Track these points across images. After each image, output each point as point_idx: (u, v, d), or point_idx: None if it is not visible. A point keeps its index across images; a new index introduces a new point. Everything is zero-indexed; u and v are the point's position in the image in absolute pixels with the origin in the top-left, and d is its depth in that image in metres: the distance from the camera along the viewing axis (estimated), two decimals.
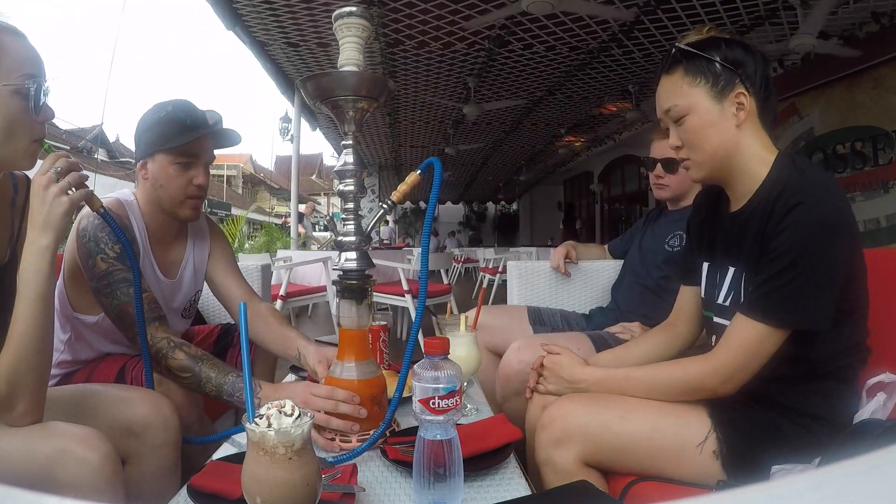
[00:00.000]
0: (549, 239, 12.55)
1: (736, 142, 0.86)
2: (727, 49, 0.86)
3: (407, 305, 3.29)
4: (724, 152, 0.87)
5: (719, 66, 0.85)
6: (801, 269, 0.77)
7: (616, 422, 0.85)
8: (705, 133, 0.87)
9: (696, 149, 0.89)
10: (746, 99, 0.85)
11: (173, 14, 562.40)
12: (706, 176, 0.91)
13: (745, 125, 0.86)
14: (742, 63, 0.85)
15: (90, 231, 1.09)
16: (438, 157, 0.94)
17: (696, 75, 0.86)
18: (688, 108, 0.87)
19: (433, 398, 0.68)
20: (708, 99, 0.86)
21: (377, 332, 1.23)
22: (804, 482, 0.15)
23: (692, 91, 0.86)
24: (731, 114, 0.85)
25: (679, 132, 0.90)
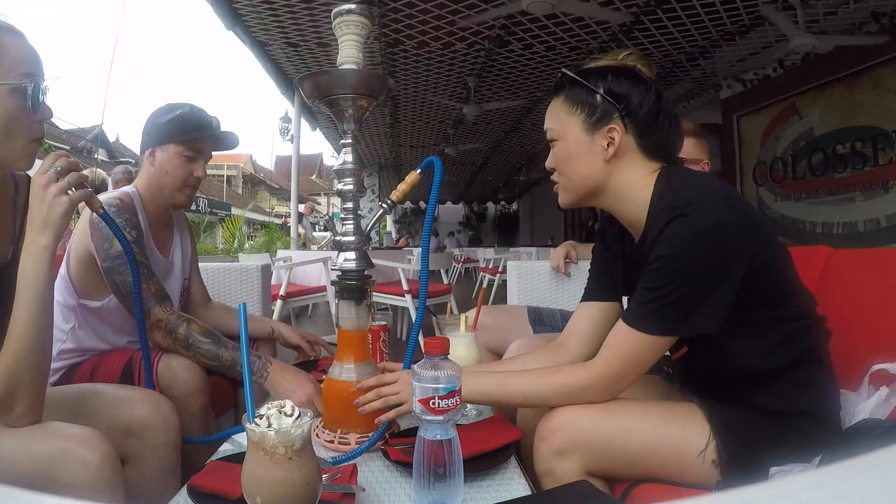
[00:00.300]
0: (549, 239, 12.54)
1: (604, 174, 0.87)
2: (613, 81, 0.85)
3: (407, 305, 3.29)
4: (591, 183, 0.88)
5: (600, 97, 0.85)
6: (679, 280, 0.76)
7: (622, 434, 0.83)
8: (571, 162, 0.88)
9: (563, 175, 0.91)
10: (618, 135, 0.84)
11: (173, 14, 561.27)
12: (571, 201, 0.92)
13: (618, 159, 0.86)
14: (626, 97, 0.84)
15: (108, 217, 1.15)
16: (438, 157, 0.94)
17: (574, 104, 0.87)
18: (560, 134, 0.89)
19: (433, 398, 0.68)
20: (580, 130, 0.87)
21: (377, 332, 1.23)
22: (803, 482, 0.15)
23: (568, 119, 0.88)
24: (601, 147, 0.86)
25: (552, 155, 0.92)
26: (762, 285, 0.81)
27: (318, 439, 0.91)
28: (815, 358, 0.86)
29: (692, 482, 0.83)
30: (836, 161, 4.31)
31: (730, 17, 3.88)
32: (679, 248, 0.76)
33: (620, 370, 0.83)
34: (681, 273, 0.76)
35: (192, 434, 1.13)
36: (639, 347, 0.81)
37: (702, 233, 0.76)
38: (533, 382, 0.87)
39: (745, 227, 0.78)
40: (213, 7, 3.81)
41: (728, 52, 4.59)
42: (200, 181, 1.33)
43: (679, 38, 4.25)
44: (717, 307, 0.77)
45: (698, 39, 4.28)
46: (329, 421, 0.94)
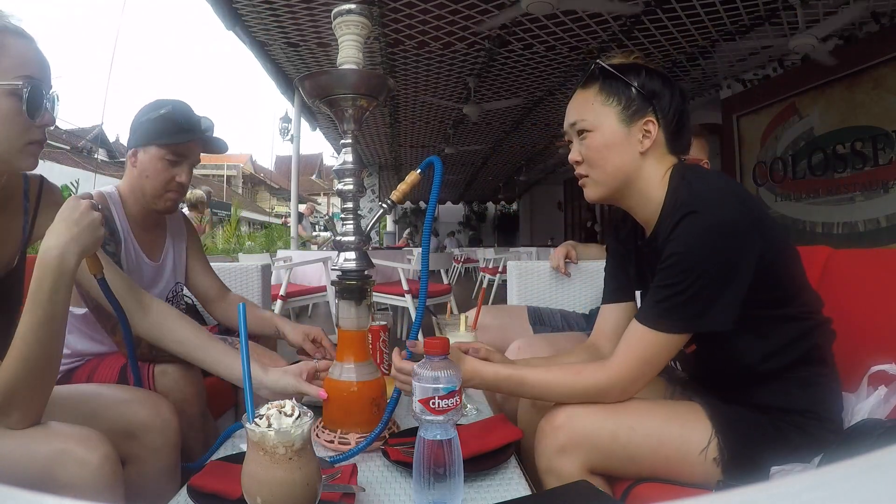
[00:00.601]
0: (549, 239, 12.54)
1: (637, 167, 0.88)
2: (647, 78, 0.87)
3: (407, 305, 3.29)
4: (623, 175, 0.88)
5: (635, 91, 0.86)
6: (692, 277, 0.77)
7: (625, 432, 0.83)
8: (607, 153, 0.88)
9: (595, 167, 0.90)
10: (654, 128, 0.86)
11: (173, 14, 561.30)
12: (602, 196, 0.92)
13: (649, 153, 0.87)
14: (658, 94, 0.86)
15: None
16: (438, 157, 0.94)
17: (610, 95, 0.88)
18: (595, 125, 0.88)
19: (433, 398, 0.68)
20: (616, 121, 0.87)
21: (377, 332, 1.22)
22: (804, 482, 0.15)
23: (603, 109, 0.88)
24: (637, 140, 0.87)
25: (581, 147, 0.91)
26: (770, 284, 0.81)
27: (318, 439, 0.91)
28: (820, 357, 0.87)
29: (693, 480, 0.83)
30: (836, 161, 4.30)
31: (730, 17, 3.87)
32: (691, 246, 0.77)
33: (637, 371, 0.83)
34: (693, 270, 0.77)
35: (189, 439, 1.13)
36: (654, 347, 0.81)
37: (713, 230, 0.77)
38: (551, 379, 0.87)
39: (755, 225, 0.79)
40: (213, 7, 3.81)
41: (728, 52, 4.59)
42: (184, 187, 1.27)
43: (679, 37, 4.25)
44: (731, 304, 0.78)
45: (698, 39, 4.28)
46: (329, 421, 0.94)
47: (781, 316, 0.84)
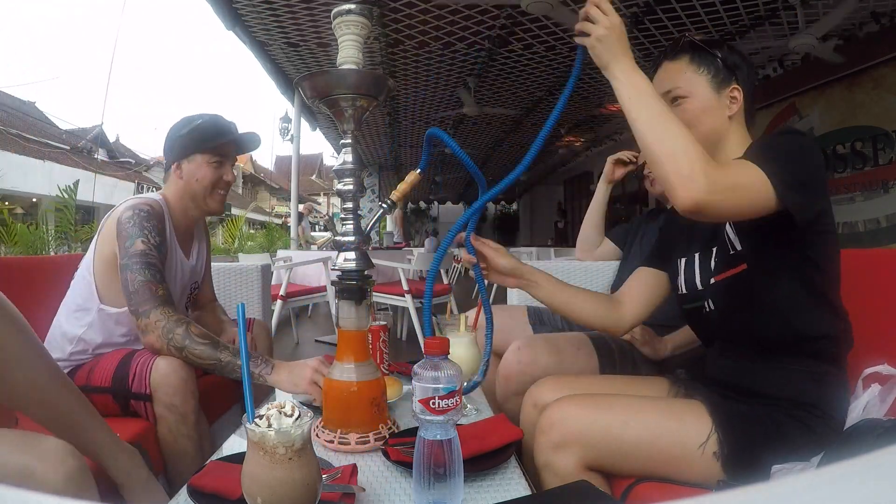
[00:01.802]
0: (549, 239, 12.54)
1: (726, 130, 0.95)
2: (729, 52, 0.95)
3: (407, 305, 3.29)
4: (715, 137, 0.94)
5: (721, 62, 0.94)
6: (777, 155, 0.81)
7: (618, 426, 0.85)
8: (702, 116, 0.94)
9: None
10: (740, 95, 0.94)
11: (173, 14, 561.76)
12: None
13: (734, 119, 0.95)
14: (739, 67, 0.95)
15: (136, 219, 1.23)
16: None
17: (700, 65, 0.95)
18: (689, 91, 0.94)
19: (433, 398, 0.68)
20: (708, 87, 0.94)
21: (377, 332, 1.22)
22: (804, 482, 0.15)
23: (695, 78, 0.94)
24: (726, 105, 0.94)
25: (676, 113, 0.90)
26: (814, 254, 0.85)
27: (318, 439, 0.91)
28: (836, 357, 0.88)
29: (693, 477, 0.84)
30: (836, 161, 4.30)
31: (730, 17, 3.87)
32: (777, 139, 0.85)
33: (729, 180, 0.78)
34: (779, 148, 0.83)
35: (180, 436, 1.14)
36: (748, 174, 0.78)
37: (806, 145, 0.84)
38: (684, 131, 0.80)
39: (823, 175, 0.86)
40: (213, 7, 3.81)
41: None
42: (230, 185, 1.38)
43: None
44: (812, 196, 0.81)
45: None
46: (329, 421, 0.94)
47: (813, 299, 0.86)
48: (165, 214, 1.32)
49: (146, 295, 1.16)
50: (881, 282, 1.08)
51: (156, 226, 1.24)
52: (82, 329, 1.24)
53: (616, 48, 0.85)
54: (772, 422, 0.84)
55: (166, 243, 1.29)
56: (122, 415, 1.17)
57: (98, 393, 1.16)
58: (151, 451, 1.14)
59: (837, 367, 0.88)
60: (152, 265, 1.19)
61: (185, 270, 1.41)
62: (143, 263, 1.19)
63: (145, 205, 1.26)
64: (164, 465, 1.17)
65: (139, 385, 1.13)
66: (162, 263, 1.23)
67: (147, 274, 1.18)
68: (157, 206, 1.29)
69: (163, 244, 1.25)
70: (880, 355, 0.90)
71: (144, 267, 1.18)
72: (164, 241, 1.27)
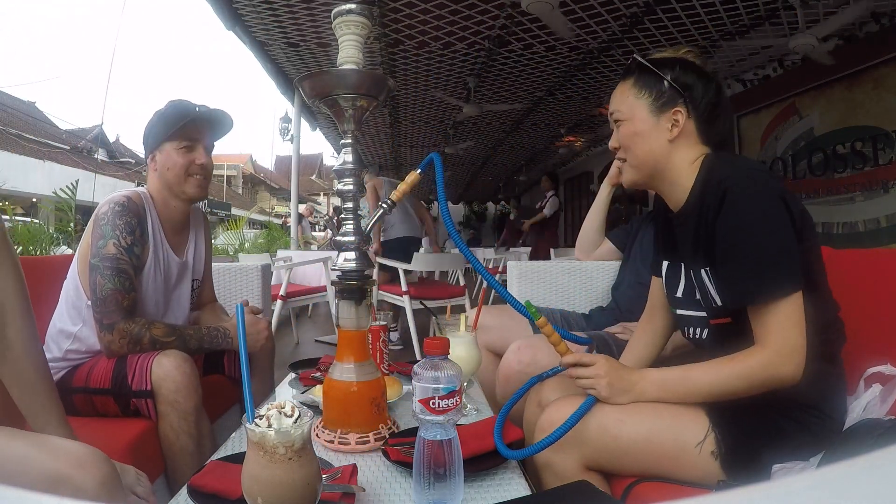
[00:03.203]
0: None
1: (666, 153, 0.93)
2: (680, 71, 0.93)
3: (404, 305, 3.27)
4: (653, 161, 0.94)
5: (667, 84, 0.92)
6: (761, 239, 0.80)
7: (613, 425, 0.85)
8: (638, 140, 0.94)
9: (629, 153, 0.97)
10: (682, 118, 0.91)
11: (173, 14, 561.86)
12: (635, 179, 0.98)
13: (679, 141, 0.93)
14: (690, 87, 0.92)
15: (109, 216, 1.21)
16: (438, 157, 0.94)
17: (642, 88, 0.94)
18: (627, 115, 0.95)
19: (433, 398, 0.68)
20: (646, 111, 0.93)
21: (377, 332, 1.22)
22: (804, 482, 0.15)
23: (635, 102, 0.94)
24: (666, 128, 0.93)
25: (618, 135, 0.98)
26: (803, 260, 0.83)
27: (318, 439, 0.91)
28: (830, 355, 0.88)
29: (692, 476, 0.84)
30: (836, 161, 4.30)
31: (730, 16, 3.87)
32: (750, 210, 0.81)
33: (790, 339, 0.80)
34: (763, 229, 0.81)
35: (181, 433, 1.14)
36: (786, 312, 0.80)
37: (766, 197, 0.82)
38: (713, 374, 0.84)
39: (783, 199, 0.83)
40: (213, 7, 3.81)
41: (728, 52, 4.59)
42: (206, 169, 1.33)
43: (679, 38, 4.24)
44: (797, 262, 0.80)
45: (698, 39, 4.27)
46: (329, 421, 0.94)
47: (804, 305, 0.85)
48: (147, 208, 1.30)
49: (112, 306, 1.17)
50: (881, 282, 1.08)
51: (129, 222, 1.22)
52: (76, 327, 1.24)
53: (624, 382, 0.88)
54: (769, 421, 0.84)
55: (146, 238, 1.27)
56: (123, 415, 1.17)
57: (99, 395, 1.17)
58: (152, 451, 1.14)
59: (833, 365, 0.88)
60: (122, 271, 1.19)
61: (173, 266, 1.36)
62: (113, 269, 1.18)
63: (123, 198, 1.24)
64: (165, 464, 1.17)
65: (140, 382, 1.13)
66: (135, 264, 1.22)
67: (116, 282, 1.18)
68: (136, 199, 1.27)
69: (137, 242, 1.23)
70: (882, 355, 0.90)
71: (114, 274, 1.18)
72: (142, 237, 1.25)
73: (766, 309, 0.81)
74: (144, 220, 1.27)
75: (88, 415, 1.18)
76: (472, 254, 0.92)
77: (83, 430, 0.89)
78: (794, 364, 0.79)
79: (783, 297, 0.79)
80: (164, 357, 1.15)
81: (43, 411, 0.83)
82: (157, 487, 1.14)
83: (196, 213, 1.49)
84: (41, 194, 10.47)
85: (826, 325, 0.87)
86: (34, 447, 0.72)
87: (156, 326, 1.21)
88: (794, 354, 0.79)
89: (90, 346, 1.25)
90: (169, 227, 1.36)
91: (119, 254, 1.19)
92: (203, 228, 1.51)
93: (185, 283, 1.41)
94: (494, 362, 1.51)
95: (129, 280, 1.20)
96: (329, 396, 0.94)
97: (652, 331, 1.12)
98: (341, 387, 0.92)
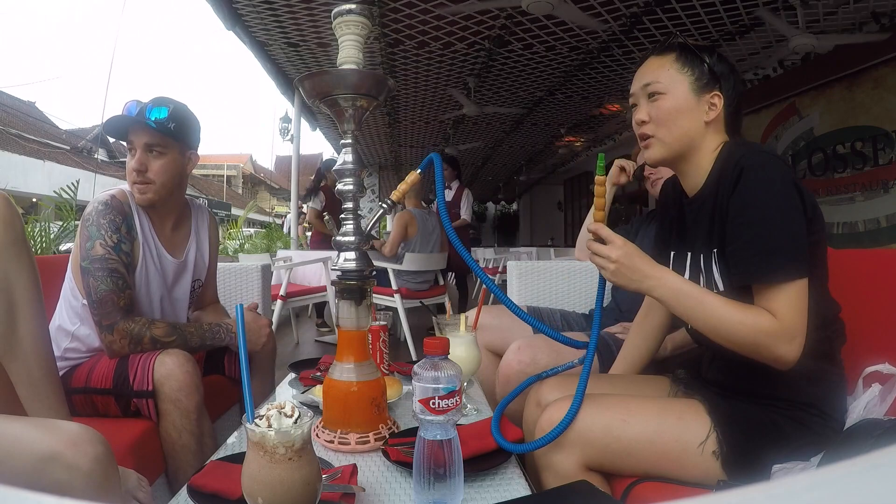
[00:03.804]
0: (549, 239, 12.54)
1: (700, 134, 0.93)
2: (718, 59, 0.94)
3: (396, 306, 3.28)
4: (687, 140, 0.93)
5: (707, 67, 0.93)
6: (774, 219, 0.80)
7: (618, 426, 0.85)
8: (676, 116, 0.93)
9: (663, 128, 0.94)
10: (720, 102, 0.92)
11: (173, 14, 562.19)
12: (664, 156, 0.95)
13: (711, 125, 0.93)
14: (725, 76, 0.93)
15: (94, 217, 1.20)
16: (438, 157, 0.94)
17: (685, 65, 0.94)
18: (668, 88, 0.93)
19: (433, 398, 0.68)
20: (688, 88, 0.93)
21: (377, 332, 1.22)
22: (804, 482, 0.15)
23: (678, 76, 0.93)
24: (704, 110, 0.93)
25: (650, 108, 0.95)
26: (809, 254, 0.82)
27: (318, 439, 0.91)
28: (830, 354, 0.88)
29: (693, 476, 0.84)
30: (836, 161, 4.30)
31: (730, 17, 3.87)
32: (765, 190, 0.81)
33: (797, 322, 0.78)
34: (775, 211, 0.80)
35: (183, 431, 1.14)
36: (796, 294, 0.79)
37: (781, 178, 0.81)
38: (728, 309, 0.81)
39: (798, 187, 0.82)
40: (213, 7, 3.80)
41: (728, 52, 4.59)
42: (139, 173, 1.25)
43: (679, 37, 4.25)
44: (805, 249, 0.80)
45: (698, 39, 4.27)
46: (329, 421, 0.94)
47: None
48: (132, 205, 1.27)
49: (109, 307, 1.17)
50: (881, 282, 1.08)
51: (113, 220, 1.21)
52: (75, 326, 1.25)
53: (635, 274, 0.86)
54: (770, 421, 0.84)
55: (133, 235, 1.25)
56: (124, 416, 1.17)
57: (99, 394, 1.17)
58: (153, 452, 1.14)
59: (833, 364, 0.88)
60: (113, 271, 1.18)
61: (168, 266, 1.34)
62: (104, 270, 1.17)
63: (107, 196, 1.24)
64: (165, 464, 1.17)
65: (141, 383, 1.13)
66: (126, 262, 1.21)
67: (109, 282, 1.17)
68: (120, 196, 1.25)
69: (125, 239, 1.22)
70: (881, 355, 0.90)
71: (106, 274, 1.17)
72: (129, 234, 1.24)
73: (774, 288, 0.79)
74: (131, 217, 1.26)
75: (88, 415, 1.18)
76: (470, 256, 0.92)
77: None
78: (796, 345, 0.78)
79: (788, 280, 0.78)
80: (167, 356, 1.15)
81: (48, 412, 0.83)
82: (157, 488, 1.14)
83: (200, 213, 1.47)
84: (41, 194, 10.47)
85: (826, 323, 0.87)
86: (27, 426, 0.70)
87: (156, 326, 1.21)
88: (797, 336, 0.78)
89: (88, 346, 1.25)
90: (159, 225, 1.33)
91: (107, 253, 1.18)
92: (207, 228, 1.48)
93: (184, 283, 1.39)
94: (494, 362, 1.51)
95: (122, 279, 1.19)
96: (329, 396, 0.94)
97: (648, 327, 1.13)
98: (341, 387, 0.92)
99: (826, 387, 0.86)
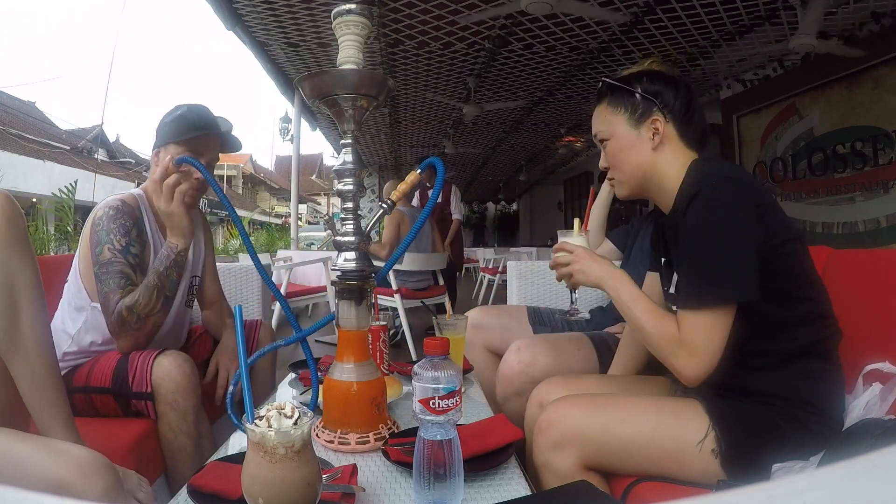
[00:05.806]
0: (549, 239, 12.54)
1: (652, 162, 0.96)
2: (648, 82, 0.96)
3: (396, 306, 3.28)
4: (641, 173, 0.97)
5: (639, 97, 0.96)
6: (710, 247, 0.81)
7: (616, 424, 0.85)
8: (623, 155, 0.98)
9: (617, 170, 1.00)
10: (661, 125, 0.94)
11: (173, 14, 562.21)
12: (629, 193, 1.01)
13: (661, 147, 0.95)
14: (660, 94, 0.95)
15: (104, 221, 1.21)
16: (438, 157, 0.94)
17: (617, 106, 0.98)
18: (609, 133, 0.99)
19: (433, 398, 0.68)
20: (626, 126, 0.97)
21: (377, 332, 1.22)
22: (804, 482, 0.15)
23: (613, 119, 0.98)
24: (647, 138, 0.95)
25: (605, 155, 1.01)
26: (773, 271, 0.83)
27: (318, 439, 0.91)
28: (825, 352, 0.88)
29: (692, 475, 0.84)
30: (836, 161, 4.30)
31: (730, 17, 3.87)
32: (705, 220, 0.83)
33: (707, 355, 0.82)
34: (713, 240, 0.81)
35: (180, 433, 1.14)
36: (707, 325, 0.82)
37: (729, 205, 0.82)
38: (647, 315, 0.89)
39: (755, 210, 0.82)
40: (213, 7, 3.81)
41: (728, 52, 4.59)
42: (202, 183, 1.30)
43: (679, 38, 4.25)
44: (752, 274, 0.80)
45: (698, 39, 4.28)
46: (329, 421, 0.94)
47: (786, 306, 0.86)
48: (142, 209, 1.29)
49: (109, 308, 1.18)
50: (881, 282, 1.08)
51: (123, 224, 1.22)
52: (77, 327, 1.25)
53: (591, 276, 0.97)
54: (768, 420, 0.84)
55: (144, 239, 1.26)
56: (124, 415, 1.17)
57: (99, 394, 1.16)
58: (153, 451, 1.14)
59: (829, 362, 0.88)
60: (118, 272, 1.19)
61: None
62: (109, 273, 1.19)
63: (118, 201, 1.25)
64: (165, 465, 1.17)
65: (140, 384, 1.13)
66: (133, 264, 1.22)
67: (111, 284, 1.18)
68: (130, 201, 1.27)
69: (134, 242, 1.23)
70: (881, 355, 0.90)
71: (109, 277, 1.19)
72: (139, 238, 1.25)
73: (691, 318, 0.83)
74: (141, 221, 1.27)
75: (88, 415, 1.18)
76: None
77: (83, 430, 0.89)
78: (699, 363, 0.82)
79: (713, 305, 0.81)
80: (164, 357, 1.15)
81: (50, 409, 0.83)
82: (157, 487, 1.14)
83: (193, 213, 1.46)
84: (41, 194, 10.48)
85: (814, 318, 0.88)
86: (37, 450, 0.71)
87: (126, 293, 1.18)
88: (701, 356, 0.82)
89: (89, 346, 1.25)
90: (163, 226, 1.34)
91: (114, 257, 1.19)
92: (202, 230, 1.50)
93: (183, 281, 1.40)
94: (494, 362, 1.51)
95: (128, 280, 1.20)
96: (329, 396, 0.94)
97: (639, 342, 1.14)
98: (341, 387, 0.92)
99: (823, 385, 0.86)
